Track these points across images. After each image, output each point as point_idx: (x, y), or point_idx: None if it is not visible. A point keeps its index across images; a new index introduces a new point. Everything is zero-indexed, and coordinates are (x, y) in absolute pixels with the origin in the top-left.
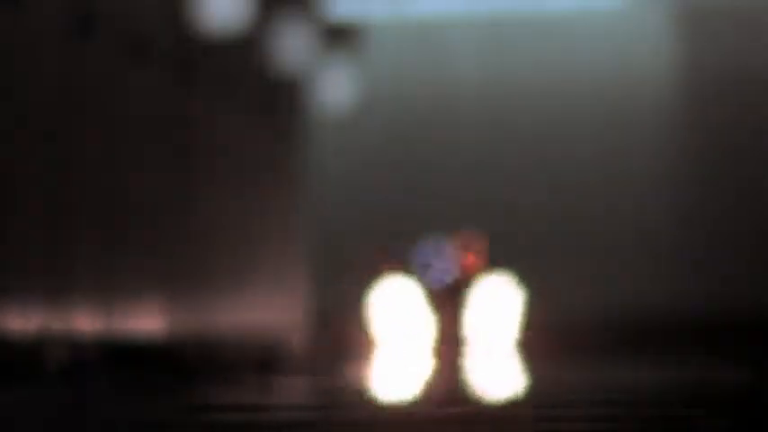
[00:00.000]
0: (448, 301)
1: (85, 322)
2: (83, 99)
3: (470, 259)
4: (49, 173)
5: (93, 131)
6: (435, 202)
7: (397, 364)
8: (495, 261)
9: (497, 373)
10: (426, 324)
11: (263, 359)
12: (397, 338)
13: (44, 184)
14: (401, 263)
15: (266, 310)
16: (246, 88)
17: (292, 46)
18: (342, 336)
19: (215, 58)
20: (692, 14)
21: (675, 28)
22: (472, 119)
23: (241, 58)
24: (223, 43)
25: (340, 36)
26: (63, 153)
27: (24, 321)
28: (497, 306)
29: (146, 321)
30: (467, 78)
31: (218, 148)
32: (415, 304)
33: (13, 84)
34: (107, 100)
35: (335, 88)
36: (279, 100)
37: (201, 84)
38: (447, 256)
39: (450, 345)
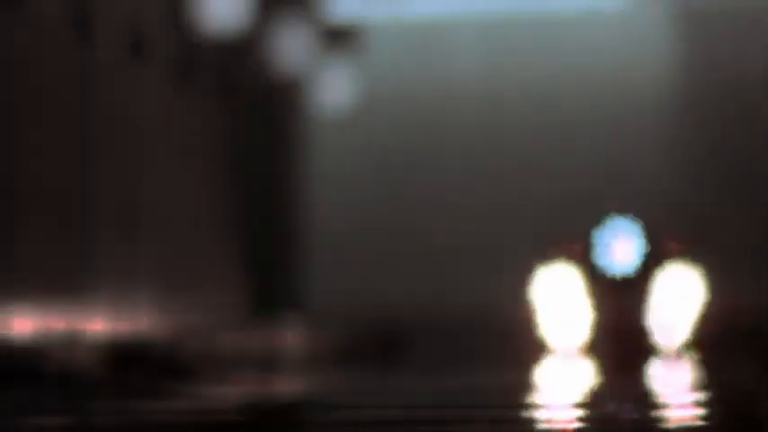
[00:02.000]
0: (627, 290)
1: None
2: (83, 98)
3: (665, 247)
4: (51, 173)
5: (93, 131)
6: (435, 201)
7: (563, 361)
8: (679, 253)
9: (675, 372)
10: (593, 317)
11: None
12: (563, 332)
13: (47, 184)
14: (582, 248)
15: (261, 311)
16: (246, 88)
17: (292, 47)
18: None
19: (215, 58)
20: (691, 14)
21: (675, 28)
22: (472, 120)
23: (241, 59)
24: (223, 44)
25: (339, 37)
26: (64, 153)
27: (25, 323)
28: (678, 299)
29: (146, 320)
30: (467, 79)
31: (217, 147)
32: (580, 295)
33: (13, 83)
34: (107, 99)
35: (335, 89)
36: (279, 100)
37: (201, 84)
38: (630, 241)
39: (623, 339)
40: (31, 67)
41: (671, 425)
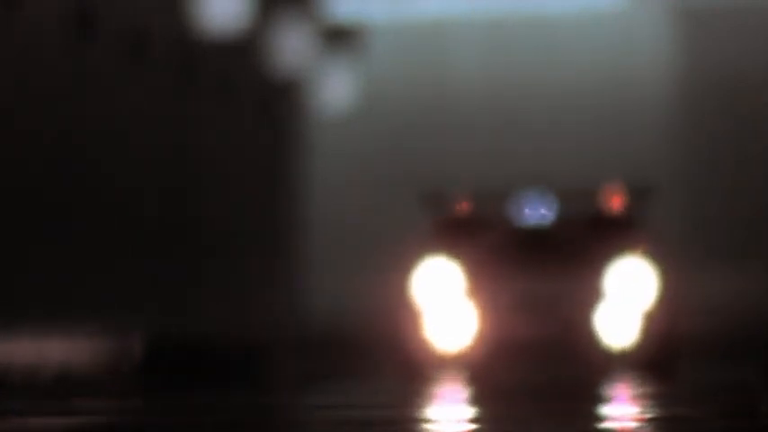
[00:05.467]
0: (541, 245)
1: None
2: (83, 98)
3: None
4: (49, 172)
5: (93, 131)
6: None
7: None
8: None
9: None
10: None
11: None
12: (448, 323)
13: (45, 184)
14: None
15: (259, 310)
16: (246, 88)
17: (292, 47)
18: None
19: (215, 58)
20: (690, 15)
21: (674, 28)
22: (472, 119)
23: (241, 59)
24: (223, 44)
25: (340, 37)
26: (64, 153)
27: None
28: (628, 289)
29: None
30: (467, 79)
31: (217, 147)
32: (457, 286)
33: (13, 83)
34: (107, 99)
35: (335, 89)
36: (279, 100)
37: (201, 84)
38: (544, 206)
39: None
40: (29, 67)
41: None
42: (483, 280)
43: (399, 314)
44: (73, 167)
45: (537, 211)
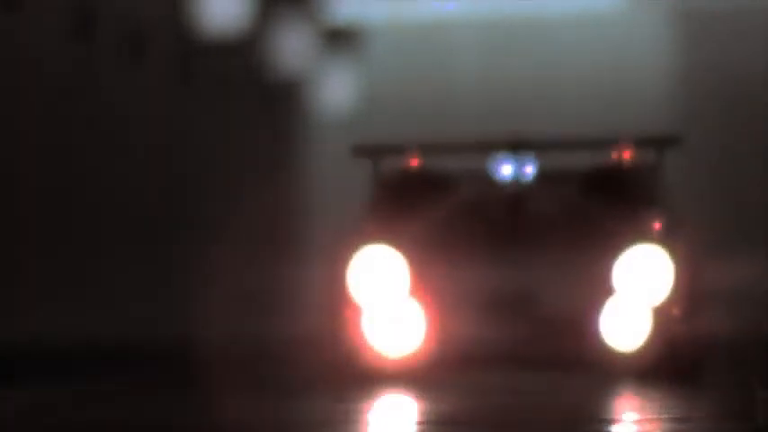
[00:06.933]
0: (515, 208)
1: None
2: (82, 98)
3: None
4: (48, 171)
5: (93, 130)
6: None
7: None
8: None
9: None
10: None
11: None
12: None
13: (43, 183)
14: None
15: (263, 308)
16: (246, 88)
17: (293, 47)
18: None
19: (215, 58)
20: (690, 16)
21: (674, 29)
22: (472, 119)
23: (241, 59)
24: (223, 44)
25: (340, 38)
26: (62, 152)
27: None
28: (636, 280)
29: (133, 323)
30: (467, 79)
31: (217, 147)
32: (402, 278)
33: (13, 83)
34: (106, 99)
35: (336, 89)
36: (279, 100)
37: (201, 84)
38: (523, 160)
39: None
40: (29, 67)
41: None
42: (437, 267)
43: (335, 312)
44: (73, 167)
45: (513, 168)
